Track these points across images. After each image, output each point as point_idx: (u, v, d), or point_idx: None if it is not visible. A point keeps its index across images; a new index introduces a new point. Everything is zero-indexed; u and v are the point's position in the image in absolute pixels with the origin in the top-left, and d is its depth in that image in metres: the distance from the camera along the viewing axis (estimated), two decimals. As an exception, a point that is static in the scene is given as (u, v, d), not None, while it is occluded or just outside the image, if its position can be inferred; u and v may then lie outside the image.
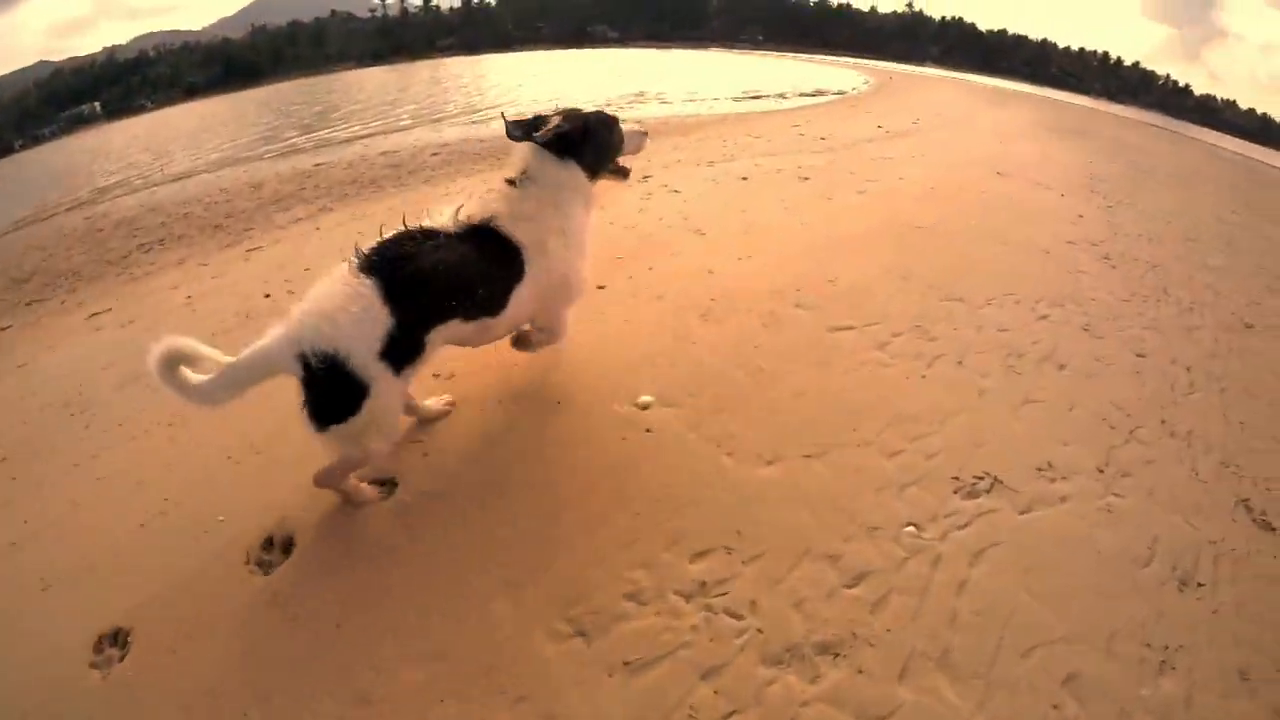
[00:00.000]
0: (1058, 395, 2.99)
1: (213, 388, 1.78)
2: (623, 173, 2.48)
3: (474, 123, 13.97)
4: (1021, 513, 2.35)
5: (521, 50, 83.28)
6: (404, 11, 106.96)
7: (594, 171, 2.31)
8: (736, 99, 18.33)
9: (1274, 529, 2.51)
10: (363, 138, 13.38)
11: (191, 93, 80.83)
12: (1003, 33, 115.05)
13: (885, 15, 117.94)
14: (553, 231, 2.18)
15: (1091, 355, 3.35)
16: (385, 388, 1.88)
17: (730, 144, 9.17)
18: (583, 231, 2.31)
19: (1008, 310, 3.67)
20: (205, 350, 1.77)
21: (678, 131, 11.24)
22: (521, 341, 2.59)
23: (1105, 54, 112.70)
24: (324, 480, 2.14)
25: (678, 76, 28.51)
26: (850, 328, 3.38)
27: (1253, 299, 4.93)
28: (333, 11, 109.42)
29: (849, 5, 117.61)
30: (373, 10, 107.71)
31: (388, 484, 2.41)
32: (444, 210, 2.12)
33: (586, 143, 2.23)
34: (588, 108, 2.38)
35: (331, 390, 1.80)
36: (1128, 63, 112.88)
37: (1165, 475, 2.65)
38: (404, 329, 1.86)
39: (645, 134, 2.49)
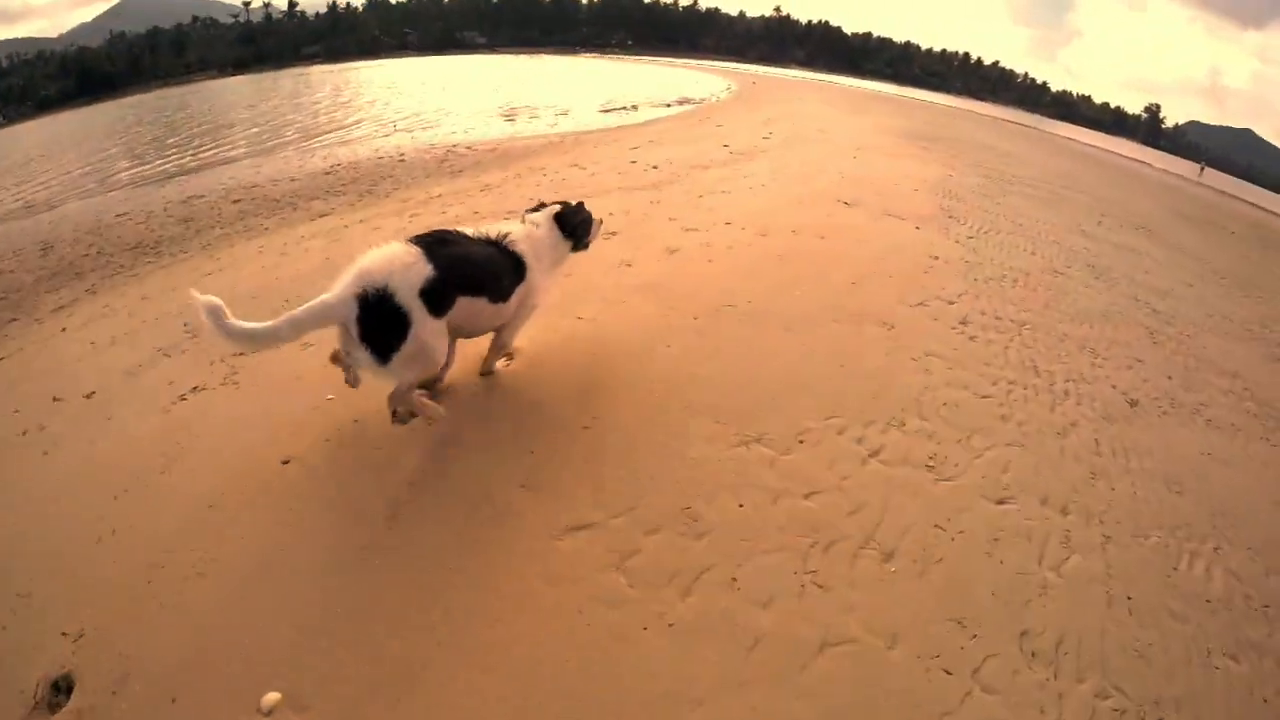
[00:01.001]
0: (872, 625, 2.03)
1: (276, 330, 2.21)
2: (584, 245, 3.25)
3: (301, 150, 13.84)
4: None
5: (388, 57, 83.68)
6: (268, 17, 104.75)
7: (575, 242, 3.16)
8: (592, 111, 18.14)
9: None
10: (185, 173, 13.06)
11: (45, 106, 74.51)
12: (868, 35, 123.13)
13: (753, 19, 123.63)
14: (542, 258, 2.97)
15: (932, 521, 2.45)
16: (423, 323, 2.38)
17: (549, 180, 8.19)
18: (551, 271, 3.09)
19: (824, 449, 2.74)
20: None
21: (499, 163, 10.22)
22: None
23: (966, 54, 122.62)
24: (394, 400, 2.60)
25: (542, 87, 28.80)
26: (588, 526, 2.31)
27: (1134, 354, 4.39)
28: (194, 18, 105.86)
29: (717, 10, 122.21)
30: (235, 16, 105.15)
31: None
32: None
33: (577, 223, 3.15)
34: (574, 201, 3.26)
35: (380, 319, 2.30)
36: (988, 62, 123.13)
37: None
38: (440, 281, 2.42)
39: (600, 222, 3.36)
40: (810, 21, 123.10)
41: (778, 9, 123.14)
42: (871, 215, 6.21)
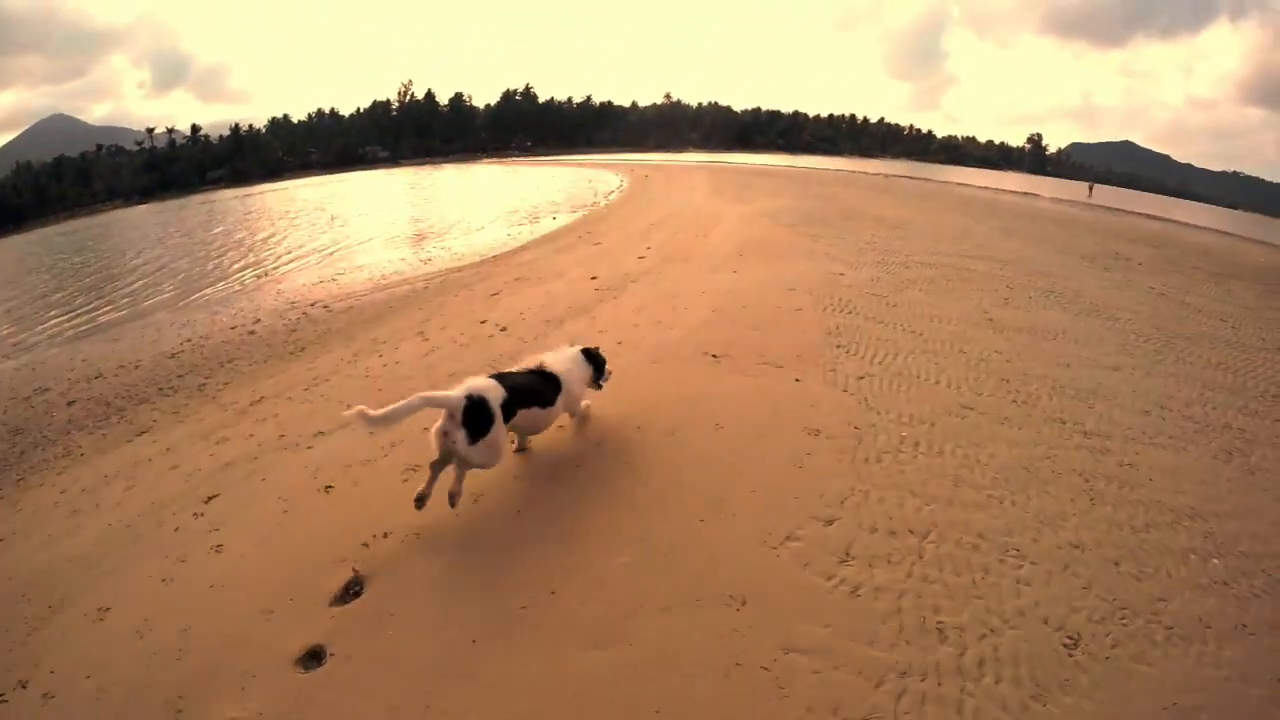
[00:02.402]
0: None
1: (397, 411, 3.18)
2: (599, 385, 4.47)
3: (171, 313, 13.49)
4: None
5: (292, 177, 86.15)
6: (172, 143, 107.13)
7: (596, 374, 4.41)
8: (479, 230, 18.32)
9: None
10: (55, 344, 12.56)
11: (-48, 243, 73.87)
12: (757, 110, 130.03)
13: (645, 108, 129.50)
14: (572, 377, 4.14)
15: None
16: (499, 424, 3.44)
17: (382, 361, 7.18)
18: (580, 389, 4.30)
19: None
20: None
21: (346, 334, 9.29)
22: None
23: (852, 115, 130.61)
24: (455, 486, 3.48)
25: (434, 207, 29.03)
26: None
27: (1070, 537, 3.50)
28: (99, 145, 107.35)
29: (610, 103, 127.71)
30: (140, 142, 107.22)
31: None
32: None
33: (595, 362, 4.39)
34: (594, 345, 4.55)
35: (478, 416, 3.34)
36: (874, 120, 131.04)
37: None
38: (509, 401, 3.55)
39: (611, 373, 4.53)
40: (700, 104, 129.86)
41: (668, 95, 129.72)
42: (741, 368, 5.36)
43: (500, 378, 3.62)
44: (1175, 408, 5.48)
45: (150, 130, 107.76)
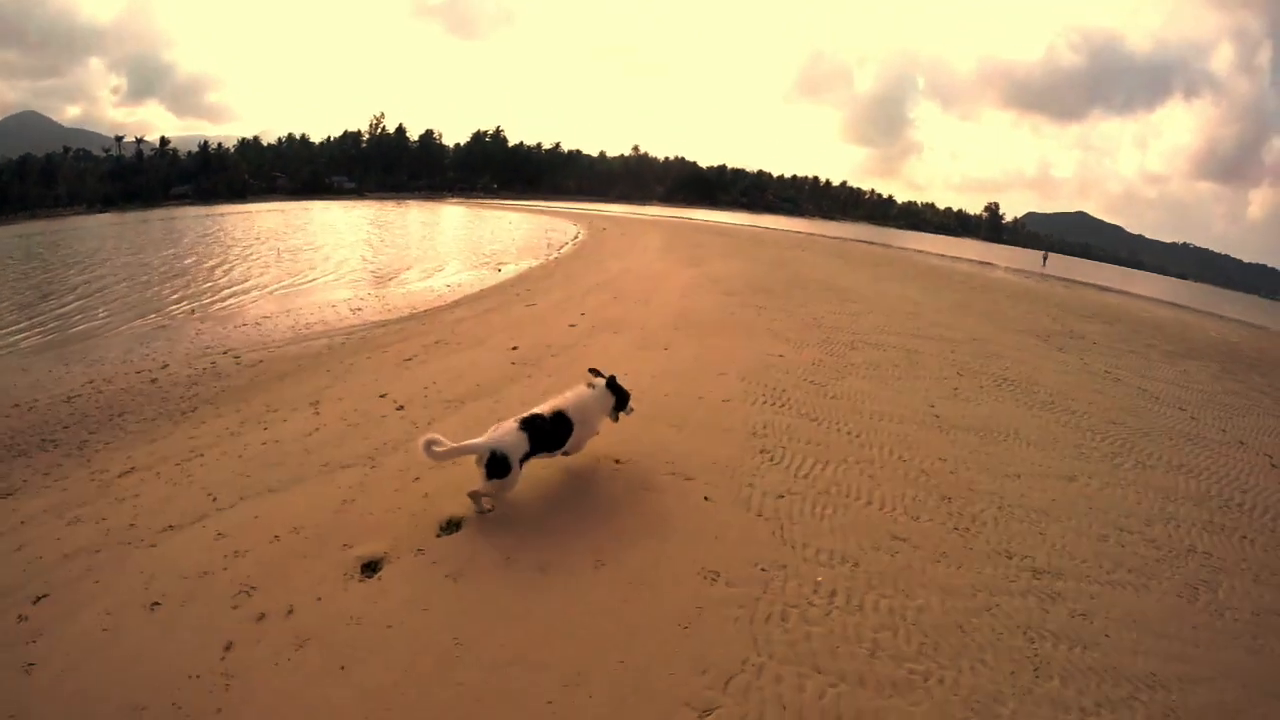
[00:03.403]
0: None
1: (448, 452, 3.95)
2: (617, 417, 4.88)
3: (86, 345, 12.59)
4: None
5: (257, 200, 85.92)
6: (139, 155, 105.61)
7: (618, 406, 4.83)
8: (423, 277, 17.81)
9: None
10: None
11: (-81, 235, 72.21)
12: (722, 167, 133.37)
13: (613, 159, 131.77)
14: (589, 412, 4.62)
15: None
16: (514, 470, 4.07)
17: (269, 438, 6.39)
18: (597, 421, 4.77)
19: None
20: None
21: (246, 393, 8.43)
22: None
23: (815, 178, 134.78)
24: (475, 496, 4.24)
25: (390, 246, 28.63)
26: None
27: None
28: (66, 148, 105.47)
29: (579, 151, 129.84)
30: (107, 150, 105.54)
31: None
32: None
33: (618, 393, 4.79)
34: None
35: (498, 465, 3.99)
36: (836, 183, 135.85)
37: None
38: (528, 454, 4.17)
39: (633, 408, 4.96)
40: (667, 158, 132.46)
41: (635, 148, 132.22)
42: (645, 479, 4.75)
43: (530, 427, 4.20)
44: (1135, 528, 5.00)
45: (119, 138, 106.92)
